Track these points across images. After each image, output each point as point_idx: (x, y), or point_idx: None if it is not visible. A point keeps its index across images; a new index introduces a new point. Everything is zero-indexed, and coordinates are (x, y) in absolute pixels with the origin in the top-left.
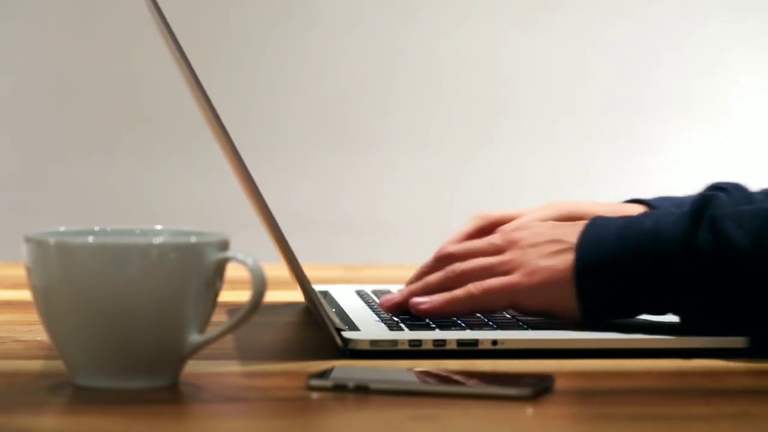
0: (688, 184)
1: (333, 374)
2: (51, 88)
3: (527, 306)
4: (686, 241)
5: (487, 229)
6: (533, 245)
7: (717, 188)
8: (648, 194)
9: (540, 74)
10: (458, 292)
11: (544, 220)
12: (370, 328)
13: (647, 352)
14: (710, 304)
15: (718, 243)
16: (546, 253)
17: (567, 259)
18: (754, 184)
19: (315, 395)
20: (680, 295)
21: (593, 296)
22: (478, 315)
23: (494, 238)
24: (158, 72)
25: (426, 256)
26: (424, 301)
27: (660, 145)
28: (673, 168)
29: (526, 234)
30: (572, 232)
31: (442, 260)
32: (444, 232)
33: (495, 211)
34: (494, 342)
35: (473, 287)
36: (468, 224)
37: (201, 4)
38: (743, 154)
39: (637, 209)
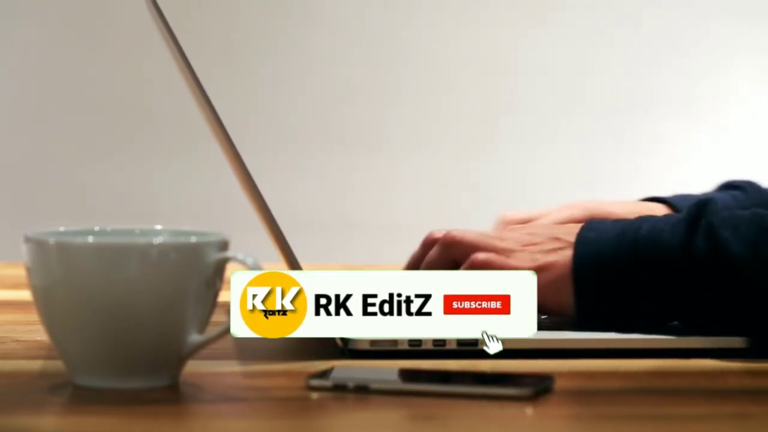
0: (691, 184)
1: (333, 374)
2: (51, 88)
3: None
4: (682, 248)
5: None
6: (533, 243)
7: (732, 186)
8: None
9: (544, 75)
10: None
11: (566, 221)
12: None
13: (647, 352)
14: (707, 311)
15: (714, 251)
16: (546, 249)
17: (566, 255)
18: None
19: (315, 395)
20: (677, 302)
21: (590, 293)
22: None
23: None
24: (158, 72)
25: None
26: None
27: (663, 146)
28: (677, 169)
29: (521, 234)
30: (570, 232)
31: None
32: None
33: (519, 212)
34: None
35: (477, 256)
36: (494, 229)
37: (201, 5)
38: (746, 156)
39: (658, 207)
